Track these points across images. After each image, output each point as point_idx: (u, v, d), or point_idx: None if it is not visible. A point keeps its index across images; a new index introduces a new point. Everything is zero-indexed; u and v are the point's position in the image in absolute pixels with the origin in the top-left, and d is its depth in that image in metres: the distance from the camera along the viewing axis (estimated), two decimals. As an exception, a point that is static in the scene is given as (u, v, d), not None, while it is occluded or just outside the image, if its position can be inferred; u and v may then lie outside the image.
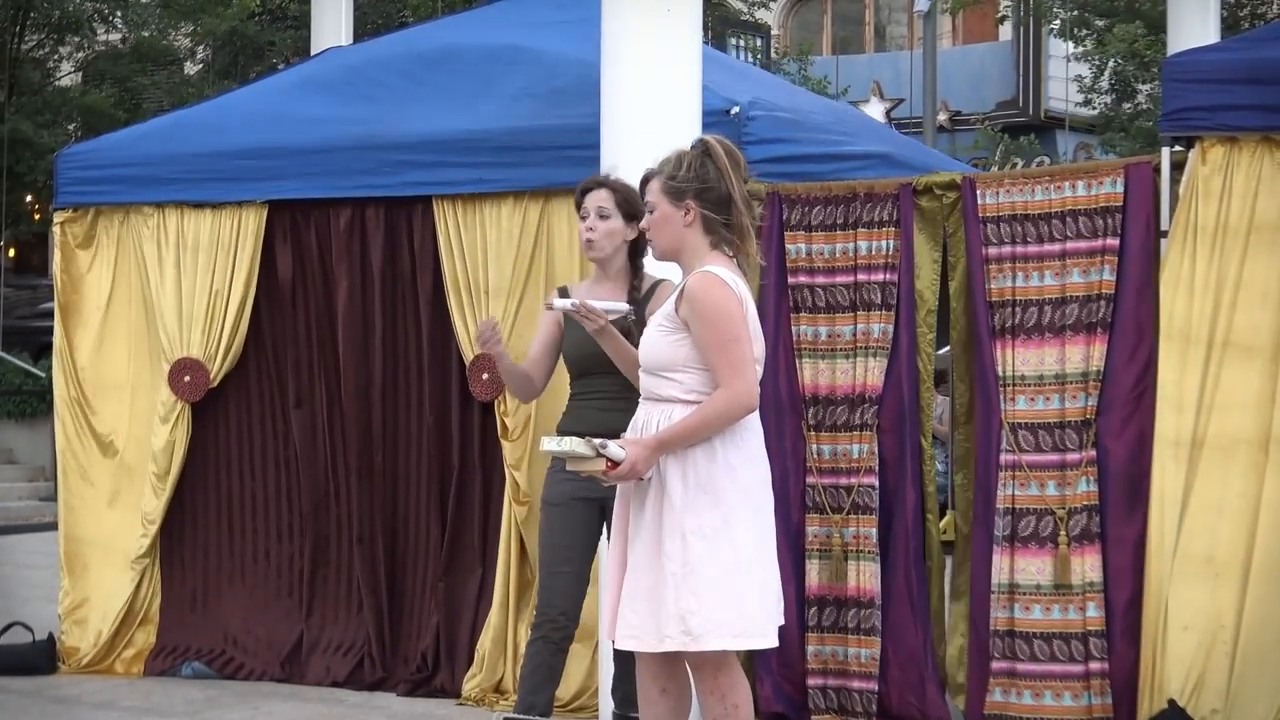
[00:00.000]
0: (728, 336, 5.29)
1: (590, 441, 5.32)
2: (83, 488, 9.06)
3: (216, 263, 8.73)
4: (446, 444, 8.40)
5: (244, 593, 8.76)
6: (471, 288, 8.20)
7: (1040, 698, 7.00)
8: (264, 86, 10.09)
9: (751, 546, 5.30)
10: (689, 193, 5.42)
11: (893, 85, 30.35)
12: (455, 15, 11.42)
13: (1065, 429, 7.03)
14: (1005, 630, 7.07)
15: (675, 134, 6.91)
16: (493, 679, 8.03)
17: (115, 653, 8.86)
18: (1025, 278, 7.14)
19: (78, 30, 24.82)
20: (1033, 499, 7.07)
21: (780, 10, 35.78)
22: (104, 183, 9.05)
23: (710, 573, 5.22)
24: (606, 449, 5.28)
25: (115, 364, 9.07)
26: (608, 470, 5.30)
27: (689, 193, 5.42)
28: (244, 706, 8.05)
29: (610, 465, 5.28)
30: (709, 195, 5.41)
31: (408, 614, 8.50)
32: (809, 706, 7.42)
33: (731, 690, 5.37)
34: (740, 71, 10.67)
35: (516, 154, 8.09)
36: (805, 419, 7.46)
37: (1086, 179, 7.09)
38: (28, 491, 18.84)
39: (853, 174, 7.76)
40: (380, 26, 23.78)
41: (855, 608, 7.35)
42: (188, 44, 27.51)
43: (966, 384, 7.42)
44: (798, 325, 7.49)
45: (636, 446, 5.29)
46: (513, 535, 8.07)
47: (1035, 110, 30.52)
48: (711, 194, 5.41)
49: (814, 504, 7.43)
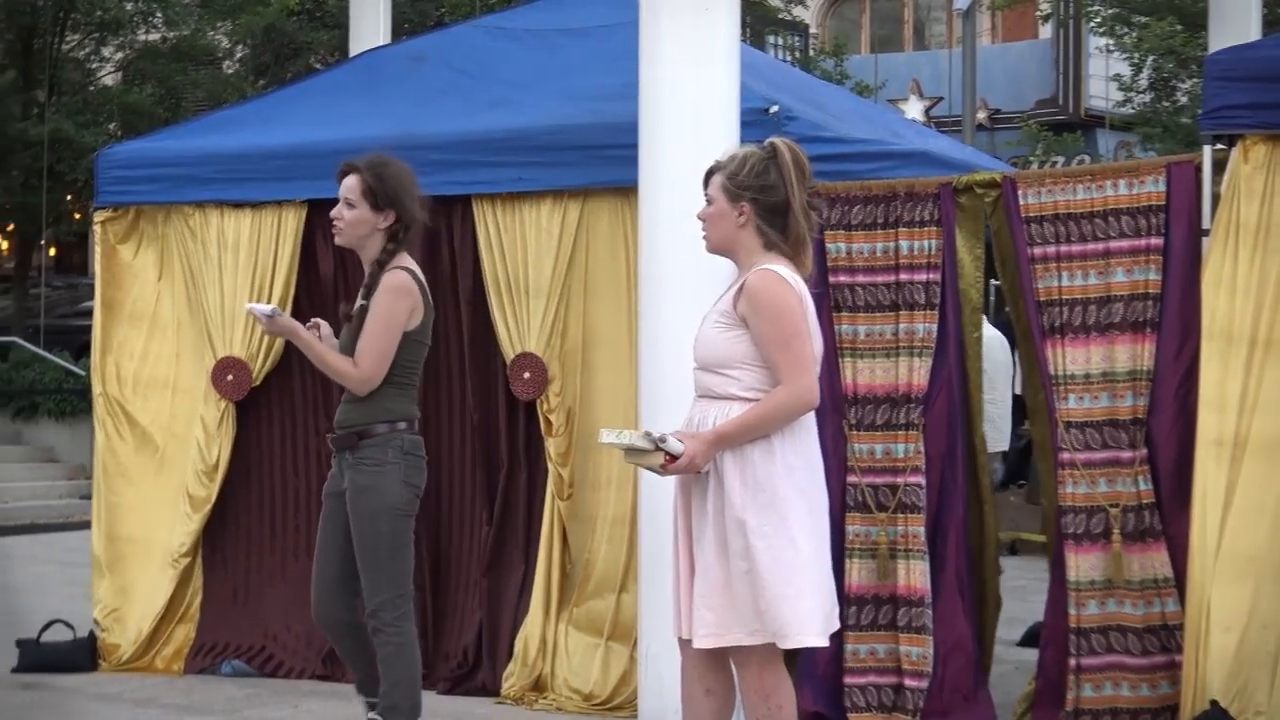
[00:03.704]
0: (789, 332, 5.29)
1: (649, 435, 5.32)
2: (122, 486, 9.08)
3: (257, 262, 8.76)
4: (491, 441, 8.41)
5: (285, 590, 8.77)
6: (512, 287, 8.21)
7: (1100, 689, 6.99)
8: (304, 86, 10.12)
9: (808, 546, 5.30)
10: (746, 195, 5.41)
11: (932, 83, 30.26)
12: (494, 14, 11.42)
13: (1116, 427, 7.02)
14: (1073, 627, 7.07)
15: (713, 133, 6.93)
16: (531, 676, 8.04)
17: (155, 650, 8.89)
18: (1070, 277, 7.12)
19: (118, 30, 24.92)
20: (1084, 497, 7.06)
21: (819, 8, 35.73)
22: (144, 182, 9.08)
23: (770, 572, 5.23)
24: (665, 443, 5.28)
25: (156, 363, 9.10)
26: (666, 464, 5.30)
27: (746, 195, 5.41)
28: (284, 704, 8.07)
29: (669, 459, 5.29)
30: (766, 200, 5.40)
31: (450, 611, 8.51)
32: (847, 705, 7.42)
33: (776, 690, 5.37)
34: (778, 70, 10.66)
35: (556, 153, 8.10)
36: (846, 418, 7.45)
37: (1128, 178, 7.07)
38: (68, 490, 18.92)
39: (891, 173, 7.74)
40: (418, 25, 23.81)
41: (905, 606, 7.33)
42: (226, 43, 27.58)
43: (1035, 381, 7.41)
44: (838, 324, 7.48)
45: (695, 440, 5.29)
46: (554, 531, 8.08)
47: (1075, 108, 30.39)
48: (769, 200, 5.40)
49: (855, 503, 7.43)
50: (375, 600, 6.32)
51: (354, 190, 6.34)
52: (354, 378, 6.26)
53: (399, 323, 6.28)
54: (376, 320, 6.25)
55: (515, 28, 9.28)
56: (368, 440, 6.29)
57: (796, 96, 8.25)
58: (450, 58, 9.12)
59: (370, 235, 6.36)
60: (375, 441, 6.29)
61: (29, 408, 20.39)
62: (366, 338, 6.24)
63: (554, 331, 8.14)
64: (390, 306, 6.26)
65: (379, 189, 6.32)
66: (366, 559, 6.30)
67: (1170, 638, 6.93)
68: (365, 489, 6.27)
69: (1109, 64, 28.03)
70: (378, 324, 6.25)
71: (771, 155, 5.44)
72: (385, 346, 6.26)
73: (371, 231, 6.35)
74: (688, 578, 5.47)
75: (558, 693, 7.96)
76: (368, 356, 6.24)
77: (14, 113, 23.17)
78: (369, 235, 6.36)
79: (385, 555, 6.30)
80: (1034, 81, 31.03)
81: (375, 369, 6.25)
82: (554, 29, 9.01)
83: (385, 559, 6.31)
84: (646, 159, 7.29)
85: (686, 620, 5.46)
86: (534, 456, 8.30)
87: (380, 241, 6.36)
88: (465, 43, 9.33)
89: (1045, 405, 7.22)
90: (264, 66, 27.10)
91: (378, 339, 6.24)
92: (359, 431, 6.30)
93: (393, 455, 6.31)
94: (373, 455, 6.29)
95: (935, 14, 36.89)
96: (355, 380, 6.26)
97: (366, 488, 6.27)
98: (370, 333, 6.24)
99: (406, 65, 9.24)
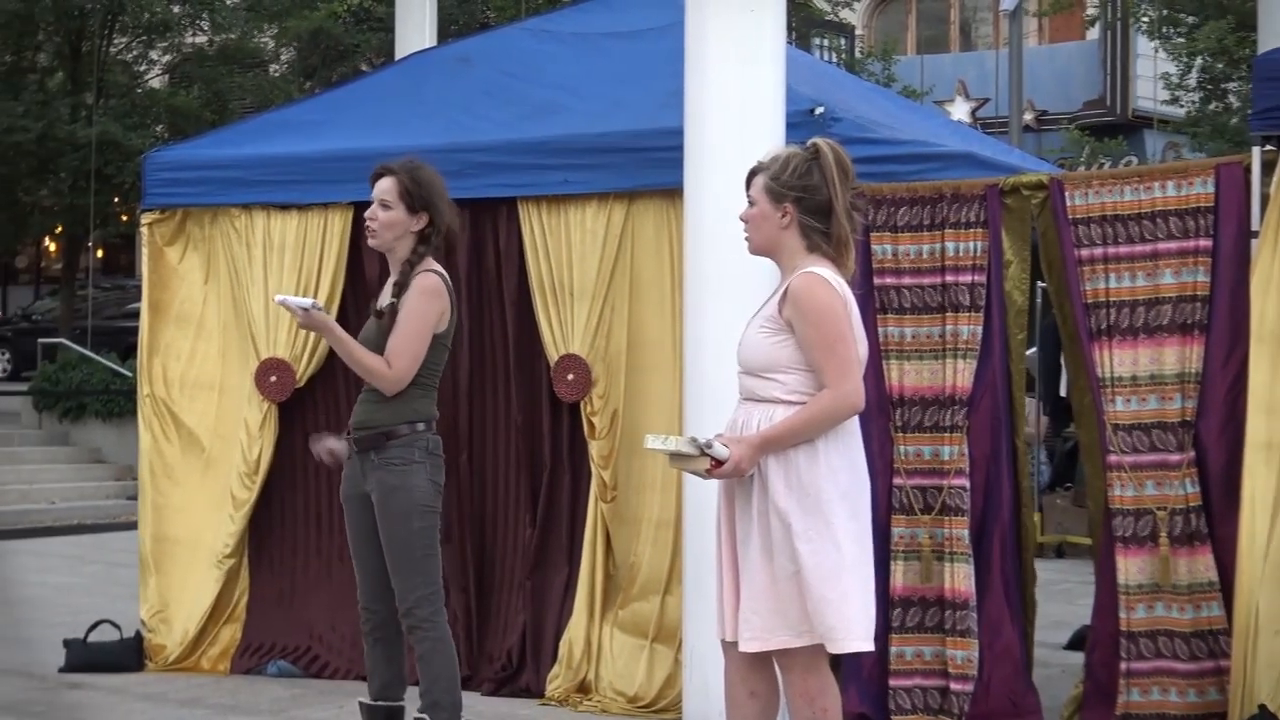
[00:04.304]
0: (834, 336, 5.28)
1: (694, 440, 5.32)
2: (168, 487, 9.11)
3: (303, 263, 8.78)
4: (535, 443, 8.41)
5: (330, 591, 8.77)
6: (557, 288, 8.21)
7: (1148, 694, 6.96)
8: (350, 89, 10.15)
9: (851, 551, 5.28)
10: (789, 196, 5.39)
11: (978, 85, 30.17)
12: (540, 17, 11.43)
13: (1164, 430, 6.99)
14: (1122, 630, 7.03)
15: (759, 135, 6.92)
16: (575, 678, 8.04)
17: (201, 650, 8.92)
18: (1117, 279, 7.08)
19: (166, 33, 25.04)
20: (1131, 499, 7.02)
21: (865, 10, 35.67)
22: (191, 184, 9.10)
23: (815, 575, 5.22)
24: (711, 447, 5.27)
25: (202, 364, 9.12)
26: (712, 468, 5.30)
27: (789, 196, 5.39)
28: (328, 705, 8.08)
29: (714, 463, 5.28)
30: (809, 201, 5.38)
31: (494, 613, 8.51)
32: (891, 707, 7.39)
33: (821, 693, 5.35)
34: (824, 72, 10.64)
35: (602, 156, 8.10)
36: (892, 420, 7.42)
37: (1176, 179, 7.03)
38: (116, 490, 19.00)
39: (936, 174, 7.72)
40: (464, 27, 23.87)
41: (950, 609, 7.31)
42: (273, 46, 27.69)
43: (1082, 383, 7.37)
44: (884, 326, 7.45)
45: (740, 445, 5.28)
46: (598, 533, 8.09)
47: (1122, 109, 30.27)
48: (811, 201, 5.38)
49: (901, 505, 7.40)
50: (411, 598, 6.34)
51: (390, 192, 6.38)
52: (387, 378, 6.29)
53: (430, 325, 6.33)
54: (410, 322, 6.29)
55: (561, 30, 9.28)
56: (395, 440, 6.33)
57: (842, 98, 8.23)
58: (496, 60, 9.13)
59: (402, 237, 6.40)
60: (402, 442, 6.33)
61: (76, 409, 20.50)
62: (399, 339, 6.28)
63: (598, 333, 8.14)
64: (424, 308, 6.31)
65: (415, 192, 6.37)
66: (400, 558, 6.33)
67: (1217, 642, 6.89)
68: (396, 488, 6.31)
69: (1156, 65, 27.91)
70: (411, 325, 6.29)
71: (814, 156, 5.42)
72: (418, 348, 6.30)
73: (404, 234, 6.40)
74: (731, 581, 5.46)
75: (602, 695, 7.96)
76: (402, 357, 6.28)
77: (62, 115, 23.30)
78: (401, 237, 6.40)
79: (419, 553, 6.34)
80: (1081, 82, 30.93)
81: (408, 370, 6.29)
82: (600, 32, 9.02)
83: (419, 556, 6.35)
84: (692, 161, 7.28)
85: (730, 623, 5.45)
86: (578, 459, 8.30)
87: (411, 244, 6.41)
88: (511, 45, 9.35)
89: (1093, 408, 7.19)
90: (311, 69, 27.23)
91: (411, 340, 6.29)
92: (385, 432, 6.33)
93: (419, 455, 6.36)
94: (400, 455, 6.33)
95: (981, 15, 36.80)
96: (388, 380, 6.29)
97: (397, 487, 6.31)
98: (403, 334, 6.28)
99: (452, 68, 9.26)
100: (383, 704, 6.57)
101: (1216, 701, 6.86)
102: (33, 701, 8.24)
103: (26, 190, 25.21)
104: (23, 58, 25.08)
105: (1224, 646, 6.84)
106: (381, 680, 6.56)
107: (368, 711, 6.60)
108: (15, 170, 23.77)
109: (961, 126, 14.49)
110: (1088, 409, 7.29)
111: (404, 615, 6.37)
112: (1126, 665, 6.99)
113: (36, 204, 25.89)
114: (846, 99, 8.24)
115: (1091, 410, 7.22)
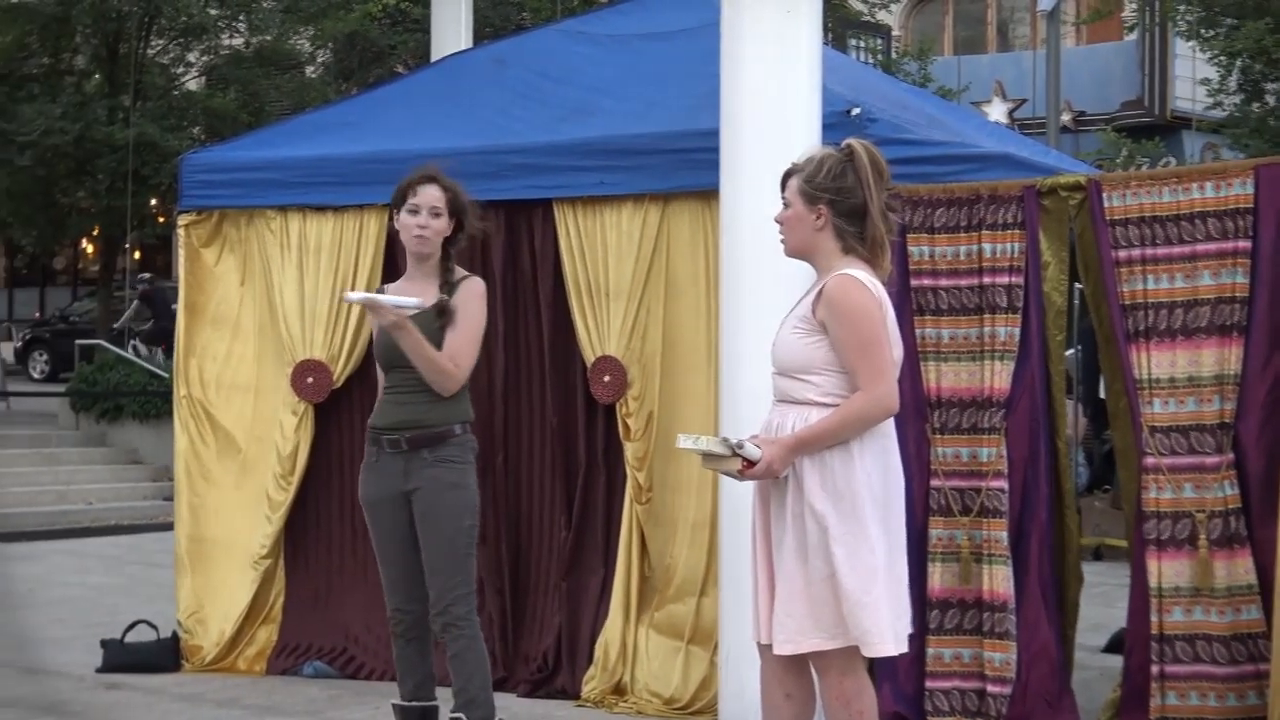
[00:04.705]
0: (868, 338, 5.26)
1: (726, 440, 5.31)
2: (205, 488, 9.13)
3: (339, 265, 8.79)
4: (570, 444, 8.41)
5: (366, 592, 8.76)
6: (593, 289, 8.21)
7: (1185, 698, 6.92)
8: (386, 91, 10.16)
9: (886, 553, 5.27)
10: (823, 198, 5.38)
11: (1015, 85, 30.04)
12: (575, 18, 11.43)
13: (1202, 432, 6.94)
14: (1155, 634, 7.00)
15: (795, 136, 6.91)
16: (611, 680, 8.04)
17: (237, 651, 8.94)
18: (1155, 280, 7.04)
19: (202, 35, 25.12)
20: (1169, 502, 6.98)
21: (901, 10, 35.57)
22: (227, 186, 9.12)
23: (850, 579, 5.20)
24: (743, 448, 5.27)
25: (238, 366, 9.14)
26: (744, 469, 5.29)
27: (823, 198, 5.38)
28: (364, 706, 8.09)
29: (746, 464, 5.27)
30: (843, 204, 5.37)
31: (530, 614, 8.52)
32: (928, 709, 7.37)
33: (857, 696, 5.34)
34: (860, 73, 10.61)
35: (638, 158, 8.10)
36: (929, 422, 7.40)
37: (1215, 180, 6.99)
38: (153, 491, 19.05)
39: (973, 175, 7.69)
40: (500, 29, 23.89)
41: (988, 611, 7.28)
42: (309, 48, 27.76)
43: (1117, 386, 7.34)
44: (921, 328, 7.43)
45: (773, 446, 5.27)
46: (633, 535, 8.08)
47: (1161, 110, 30.12)
48: (846, 203, 5.37)
49: (938, 506, 7.38)
50: (450, 596, 6.39)
51: (441, 201, 6.49)
52: (454, 378, 6.38)
53: (483, 328, 6.49)
54: (470, 323, 6.42)
55: (596, 32, 9.28)
56: (452, 440, 6.43)
57: (878, 98, 8.21)
58: (532, 62, 9.14)
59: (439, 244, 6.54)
60: (457, 441, 6.45)
61: (113, 410, 20.57)
62: (463, 341, 6.39)
63: (634, 334, 8.14)
64: (480, 312, 6.49)
65: (455, 200, 6.51)
66: (445, 556, 6.38)
67: (1256, 646, 6.85)
68: (453, 486, 6.40)
69: (1195, 65, 27.77)
70: (471, 327, 6.42)
71: (848, 157, 5.41)
72: (477, 350, 6.47)
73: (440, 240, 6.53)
74: (766, 583, 5.46)
75: (638, 696, 7.96)
76: (466, 358, 6.42)
77: (100, 117, 23.40)
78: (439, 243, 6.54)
79: (463, 551, 6.42)
80: (1119, 83, 30.78)
81: (469, 370, 6.45)
82: (635, 33, 9.01)
83: (463, 555, 6.43)
84: (728, 161, 7.27)
85: (765, 625, 5.44)
86: (613, 460, 8.30)
87: (440, 248, 6.55)
88: (547, 47, 9.34)
89: (1128, 410, 7.15)
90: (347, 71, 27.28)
91: (472, 343, 6.43)
92: (442, 431, 6.41)
93: (470, 455, 6.49)
94: (456, 454, 6.43)
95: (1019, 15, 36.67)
96: (454, 380, 6.39)
97: (455, 485, 6.40)
98: (466, 337, 6.40)
99: (488, 69, 9.26)
100: (417, 704, 6.59)
101: (1256, 706, 6.82)
102: (71, 701, 8.27)
103: (64, 192, 25.31)
104: (60, 60, 25.20)
105: (1263, 650, 6.80)
106: (415, 680, 6.59)
107: (402, 713, 6.61)
108: (53, 172, 23.87)
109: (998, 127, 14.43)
110: (1122, 412, 7.26)
111: (440, 613, 6.40)
112: (1160, 668, 6.96)
113: (74, 206, 26.00)
114: (883, 100, 8.21)
115: (1126, 413, 7.19)
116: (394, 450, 6.44)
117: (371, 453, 6.55)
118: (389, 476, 6.48)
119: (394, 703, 6.67)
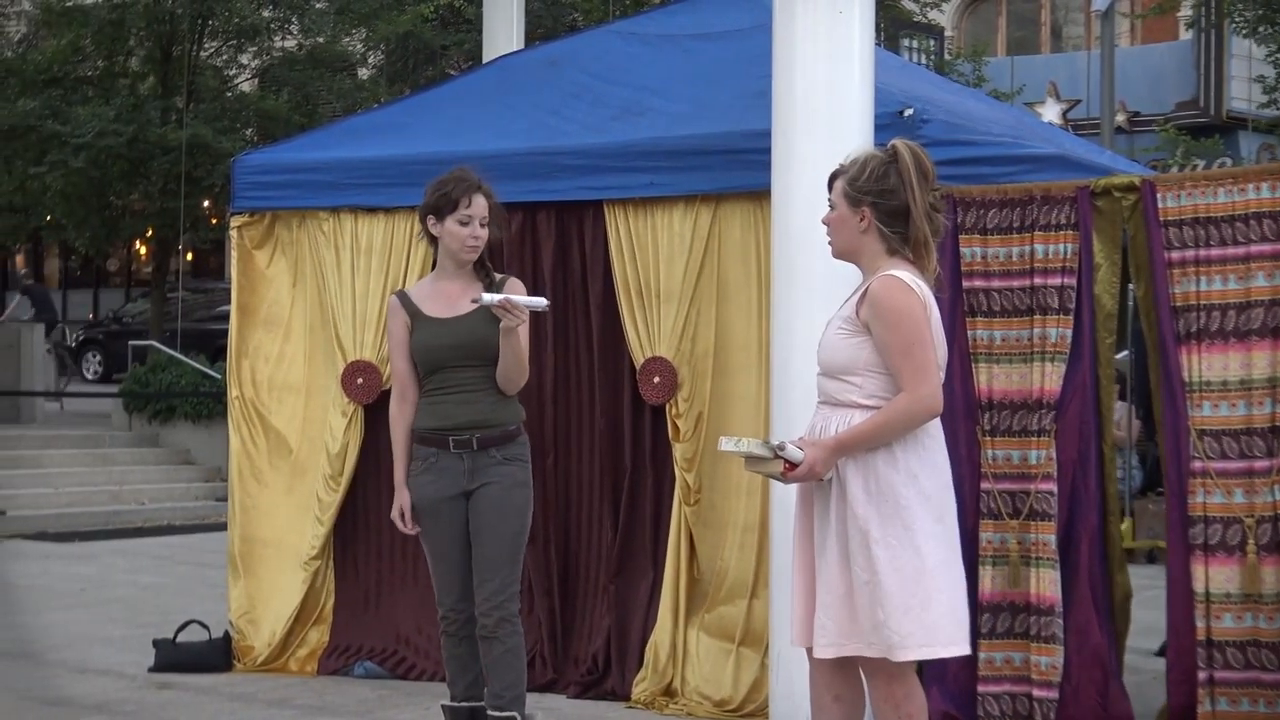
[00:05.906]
0: (912, 340, 5.24)
1: (768, 443, 5.30)
2: (257, 489, 9.16)
3: (390, 266, 8.80)
4: (619, 446, 8.41)
5: (416, 593, 8.78)
6: (643, 291, 8.20)
7: (1237, 704, 6.86)
8: (438, 92, 10.17)
9: (935, 555, 5.24)
10: (865, 200, 5.36)
11: (1069, 86, 29.92)
12: (627, 19, 11.42)
13: (1252, 436, 6.88)
14: (1203, 639, 6.94)
15: (848, 136, 6.88)
16: (662, 682, 8.03)
17: (289, 651, 8.96)
18: (1208, 282, 6.98)
19: (255, 37, 25.20)
20: (1219, 507, 6.92)
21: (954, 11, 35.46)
22: (280, 187, 9.14)
23: (894, 582, 5.18)
24: (785, 450, 5.25)
25: (290, 367, 9.17)
26: (786, 471, 5.27)
27: (865, 200, 5.36)
28: (415, 706, 8.11)
29: (788, 466, 5.25)
30: (886, 205, 5.35)
31: (579, 616, 8.51)
32: (980, 714, 7.33)
33: (906, 700, 5.32)
34: (913, 73, 10.57)
35: (689, 159, 8.08)
36: (980, 424, 7.36)
37: (1271, 181, 6.93)
38: (204, 492, 19.12)
39: (1027, 176, 7.65)
40: (552, 30, 23.90)
41: (1036, 615, 7.24)
42: (361, 49, 27.81)
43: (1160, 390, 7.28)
44: (973, 329, 7.40)
45: (815, 448, 5.26)
46: (682, 536, 8.07)
47: (1216, 111, 29.93)
48: (889, 204, 5.35)
49: (989, 510, 7.34)
50: (507, 592, 6.47)
51: (487, 210, 6.59)
52: (527, 376, 6.56)
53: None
54: (527, 328, 6.49)
55: (648, 32, 9.28)
56: (520, 438, 6.58)
57: (931, 99, 8.17)
58: (584, 63, 9.13)
59: None
60: (523, 440, 6.61)
61: (166, 410, 20.63)
62: (527, 341, 6.51)
63: (684, 336, 8.12)
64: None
65: (495, 208, 6.65)
66: (505, 553, 6.47)
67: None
68: (523, 484, 6.54)
69: (1251, 65, 27.59)
70: (528, 328, 6.52)
71: (892, 159, 5.39)
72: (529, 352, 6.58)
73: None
74: (804, 586, 5.45)
75: (689, 698, 7.95)
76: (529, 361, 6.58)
77: (153, 119, 23.48)
78: None
79: (521, 549, 6.54)
80: (1174, 83, 30.60)
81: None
82: (686, 34, 9.00)
83: (520, 553, 6.54)
84: (780, 162, 7.25)
85: (801, 629, 5.43)
86: (661, 462, 8.28)
87: None
88: (598, 47, 9.34)
89: (1165, 415, 7.09)
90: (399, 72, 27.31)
91: (528, 344, 6.53)
92: (512, 430, 6.55)
93: (530, 455, 6.63)
94: (523, 453, 6.59)
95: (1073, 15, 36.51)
96: (525, 379, 6.54)
97: (524, 482, 6.55)
98: (527, 338, 6.51)
99: (541, 70, 9.26)
100: (467, 705, 6.60)
101: None
102: (123, 701, 8.31)
103: (118, 194, 25.40)
104: (114, 63, 25.28)
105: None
106: (467, 681, 6.62)
107: (452, 714, 6.62)
108: (107, 174, 23.95)
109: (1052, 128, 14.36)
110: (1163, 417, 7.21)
111: (494, 608, 6.44)
112: (1209, 674, 6.89)
113: (127, 207, 26.09)
114: (936, 100, 8.17)
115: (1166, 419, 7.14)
116: (460, 450, 6.45)
117: (430, 454, 6.55)
118: (452, 476, 6.50)
119: (443, 704, 6.68)
